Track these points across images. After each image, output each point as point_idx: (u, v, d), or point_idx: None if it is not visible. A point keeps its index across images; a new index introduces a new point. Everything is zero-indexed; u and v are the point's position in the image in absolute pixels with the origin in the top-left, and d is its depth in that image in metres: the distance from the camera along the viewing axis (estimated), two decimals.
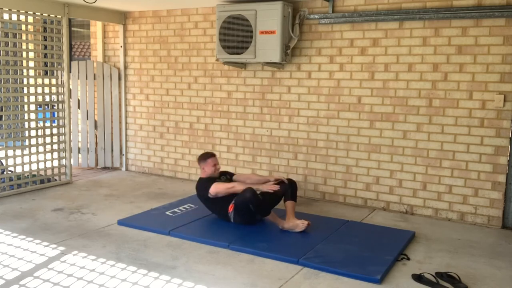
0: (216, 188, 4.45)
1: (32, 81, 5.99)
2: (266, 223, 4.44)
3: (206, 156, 4.69)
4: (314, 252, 3.82)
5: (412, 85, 4.97)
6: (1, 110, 5.71)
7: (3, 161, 5.78)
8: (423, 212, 5.06)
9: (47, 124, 6.20)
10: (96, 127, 6.98)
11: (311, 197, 5.62)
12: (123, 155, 7.04)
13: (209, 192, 4.47)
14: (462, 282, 3.36)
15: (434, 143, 4.93)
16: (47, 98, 6.10)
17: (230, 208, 4.39)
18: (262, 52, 5.31)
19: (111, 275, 3.40)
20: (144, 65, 6.73)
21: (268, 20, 5.22)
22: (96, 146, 7.00)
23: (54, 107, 6.47)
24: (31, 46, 6.09)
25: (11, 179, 5.66)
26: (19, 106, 6.38)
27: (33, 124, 5.99)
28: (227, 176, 4.80)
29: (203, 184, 4.57)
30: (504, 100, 4.57)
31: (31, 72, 5.99)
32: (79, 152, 7.01)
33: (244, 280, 3.38)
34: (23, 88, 6.05)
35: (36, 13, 5.72)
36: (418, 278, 3.44)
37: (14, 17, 5.66)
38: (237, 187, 4.39)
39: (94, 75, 6.90)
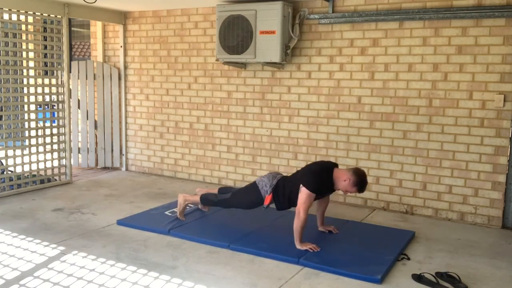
0: (303, 197, 3.85)
1: (32, 81, 5.98)
2: (267, 223, 4.44)
3: (360, 188, 3.92)
4: (314, 252, 3.81)
5: (412, 85, 4.97)
6: (1, 110, 5.71)
7: (3, 161, 5.78)
8: (423, 212, 5.06)
9: (47, 124, 6.20)
10: (96, 127, 6.98)
11: None
12: (123, 155, 7.04)
13: (301, 188, 3.88)
14: (462, 282, 3.36)
15: (434, 143, 4.93)
16: (47, 98, 6.10)
17: (268, 198, 4.08)
18: (262, 52, 5.31)
19: (111, 275, 3.40)
20: (144, 65, 6.73)
21: (268, 20, 5.22)
22: (96, 146, 7.00)
23: (54, 107, 6.47)
24: (31, 46, 6.09)
25: (11, 179, 5.66)
26: (19, 106, 6.38)
27: (33, 124, 5.99)
28: (328, 193, 4.23)
29: (313, 176, 3.93)
30: (504, 100, 4.57)
31: (31, 72, 5.98)
32: (79, 152, 7.01)
33: (244, 280, 3.38)
34: (23, 88, 6.05)
35: (36, 13, 5.72)
36: (418, 278, 3.44)
37: (14, 17, 5.65)
38: (301, 218, 3.87)
39: (94, 75, 6.90)
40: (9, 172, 5.70)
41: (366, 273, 3.46)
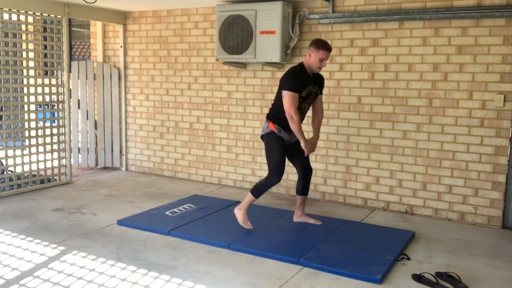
0: (286, 100, 4.03)
1: (32, 81, 5.98)
2: (267, 223, 4.44)
3: (322, 46, 4.03)
4: (314, 252, 3.82)
5: (412, 85, 4.97)
6: (1, 110, 5.71)
7: (3, 161, 5.78)
8: (423, 212, 5.06)
9: (47, 124, 6.20)
10: (96, 127, 6.98)
11: (311, 197, 5.60)
12: (123, 155, 7.04)
13: (282, 93, 4.09)
14: (462, 282, 3.36)
15: (434, 143, 4.93)
16: (47, 98, 6.10)
17: (272, 126, 4.26)
18: (262, 52, 5.31)
19: (111, 275, 3.40)
20: (144, 65, 6.73)
21: (268, 20, 5.22)
22: (96, 146, 7.00)
23: (54, 107, 6.47)
24: (31, 46, 6.09)
25: (11, 179, 5.66)
26: (19, 106, 6.38)
27: (33, 124, 5.99)
28: (314, 90, 4.25)
29: (287, 76, 4.16)
30: (504, 100, 4.57)
31: (31, 72, 5.99)
32: (79, 152, 7.01)
33: (244, 280, 3.38)
34: (23, 88, 6.05)
35: (36, 13, 5.72)
36: (418, 278, 3.44)
37: (14, 17, 5.65)
38: (295, 120, 4.06)
39: (94, 75, 6.90)
40: (9, 172, 5.70)
41: (366, 273, 3.46)
